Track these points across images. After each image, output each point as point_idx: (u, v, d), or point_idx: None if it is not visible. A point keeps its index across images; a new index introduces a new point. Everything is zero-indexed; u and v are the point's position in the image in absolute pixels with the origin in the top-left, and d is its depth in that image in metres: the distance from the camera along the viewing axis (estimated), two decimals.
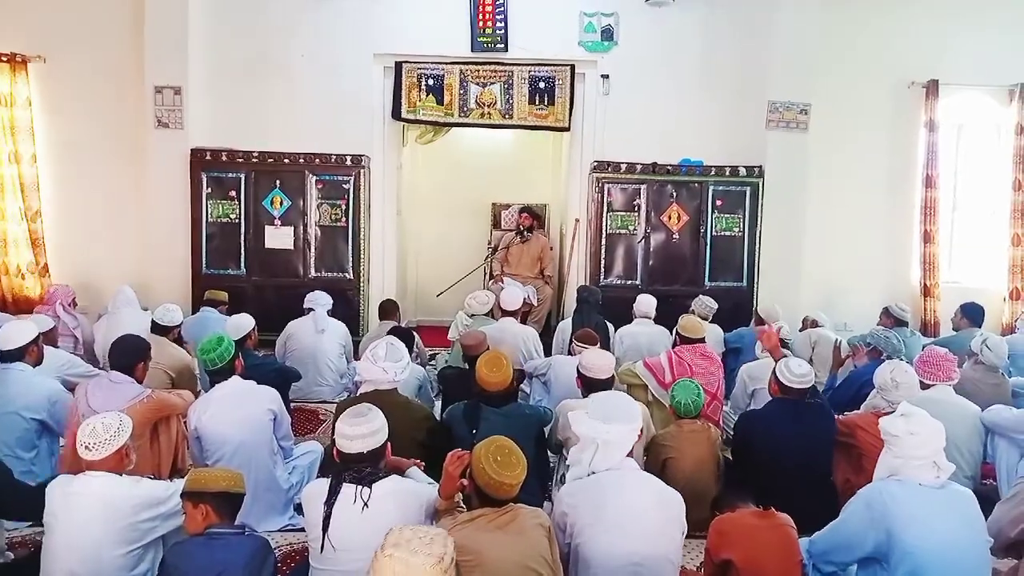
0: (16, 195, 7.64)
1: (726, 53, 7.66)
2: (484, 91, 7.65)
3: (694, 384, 4.29)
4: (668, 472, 3.99)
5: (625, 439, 3.02)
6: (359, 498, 2.71)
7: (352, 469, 2.78)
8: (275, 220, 7.54)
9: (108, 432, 2.92)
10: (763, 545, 2.94)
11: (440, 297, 8.01)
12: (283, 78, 7.59)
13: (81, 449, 2.88)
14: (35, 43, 7.60)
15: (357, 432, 2.80)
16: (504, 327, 5.78)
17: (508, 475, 2.63)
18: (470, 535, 2.61)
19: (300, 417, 5.54)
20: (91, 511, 2.83)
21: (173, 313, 5.47)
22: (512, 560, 2.58)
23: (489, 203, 9.28)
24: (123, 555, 2.85)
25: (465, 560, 2.60)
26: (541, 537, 2.68)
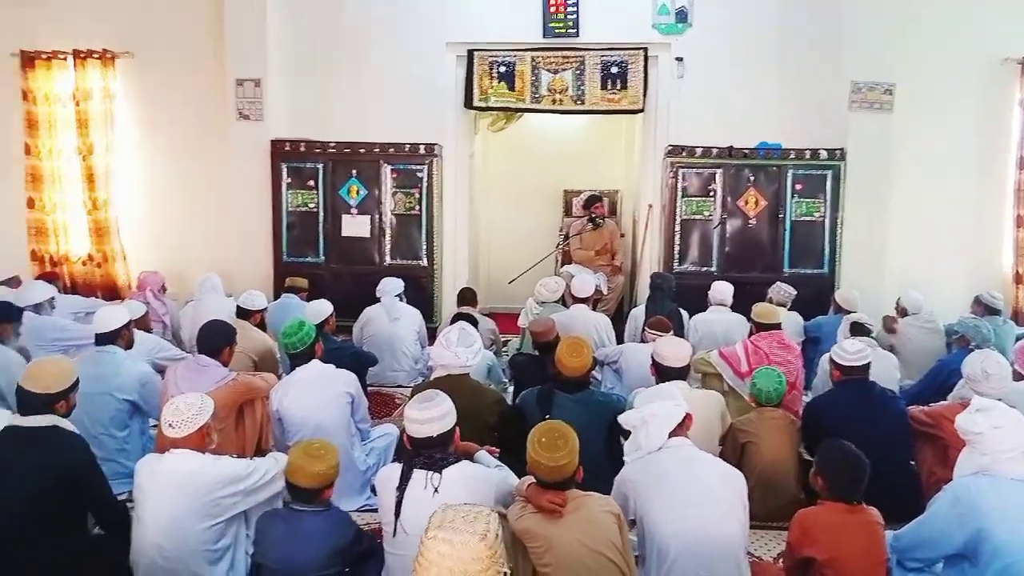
0: (106, 185, 8.00)
1: (805, 31, 7.42)
2: (556, 77, 7.61)
3: (776, 372, 4.21)
4: (747, 457, 3.94)
5: (669, 413, 3.05)
6: (429, 483, 2.75)
7: (422, 454, 2.81)
8: (352, 209, 7.69)
9: (190, 411, 3.03)
10: (849, 543, 2.85)
11: (512, 284, 8.04)
12: (358, 68, 7.72)
13: (165, 427, 3.01)
14: (123, 39, 7.92)
15: (426, 416, 2.84)
16: (575, 314, 5.76)
17: (547, 456, 2.63)
18: (538, 521, 2.64)
19: (376, 401, 5.66)
20: (175, 487, 2.95)
21: (256, 299, 5.66)
22: (581, 545, 2.60)
23: (560, 190, 9.25)
24: (206, 529, 2.97)
25: (535, 546, 2.63)
26: (611, 524, 2.68)
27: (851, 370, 4.09)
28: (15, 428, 3.12)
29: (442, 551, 1.83)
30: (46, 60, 7.96)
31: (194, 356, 4.39)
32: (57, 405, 3.21)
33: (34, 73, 7.97)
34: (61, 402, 3.23)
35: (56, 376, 3.24)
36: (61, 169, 8.08)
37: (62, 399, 3.24)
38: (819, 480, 3.04)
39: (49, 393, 3.18)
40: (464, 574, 1.81)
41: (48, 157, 8.06)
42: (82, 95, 7.92)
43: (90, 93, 7.92)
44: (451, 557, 1.82)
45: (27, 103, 7.98)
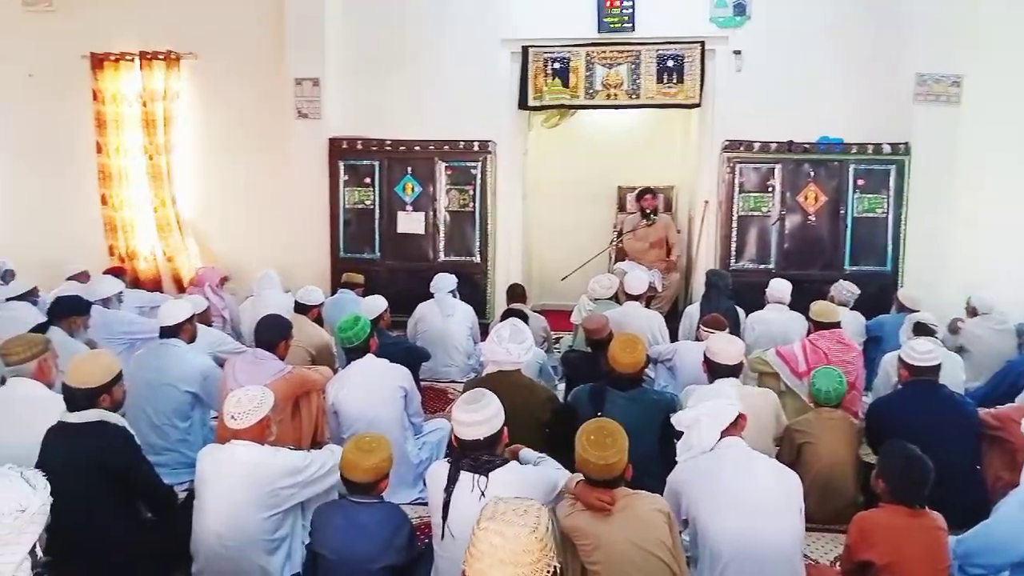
0: (171, 183, 8.25)
1: (867, 22, 7.21)
2: (610, 72, 7.56)
3: (836, 371, 4.11)
4: (804, 458, 3.87)
5: (722, 412, 3.01)
6: (476, 486, 2.74)
7: (469, 456, 2.81)
8: (407, 206, 7.77)
9: (252, 403, 3.10)
10: (910, 548, 2.78)
11: (564, 281, 8.02)
12: (413, 67, 7.79)
13: (227, 419, 3.08)
14: (187, 41, 8.14)
15: (473, 419, 2.83)
16: (628, 311, 5.72)
17: (596, 454, 2.62)
18: (587, 519, 2.64)
19: (429, 395, 5.71)
20: (235, 477, 3.03)
21: (313, 294, 5.77)
22: (631, 544, 2.59)
23: (615, 186, 9.19)
24: (264, 519, 3.03)
25: (584, 544, 2.63)
26: (660, 523, 2.66)
27: (920, 370, 3.97)
28: (64, 424, 3.20)
29: (494, 542, 1.84)
30: (114, 62, 8.24)
31: (252, 350, 4.50)
32: (99, 399, 3.24)
33: (103, 74, 8.25)
34: (103, 396, 3.25)
35: (96, 371, 3.28)
36: (128, 167, 8.36)
37: (104, 393, 3.25)
38: (880, 482, 2.96)
39: (90, 387, 3.22)
40: (515, 566, 1.81)
41: (116, 155, 8.34)
42: (148, 95, 8.17)
43: (155, 93, 8.17)
44: (502, 549, 1.83)
45: (97, 103, 8.28)
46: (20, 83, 8.41)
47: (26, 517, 1.84)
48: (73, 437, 3.15)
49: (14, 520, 1.81)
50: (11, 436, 3.33)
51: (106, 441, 3.18)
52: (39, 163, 8.46)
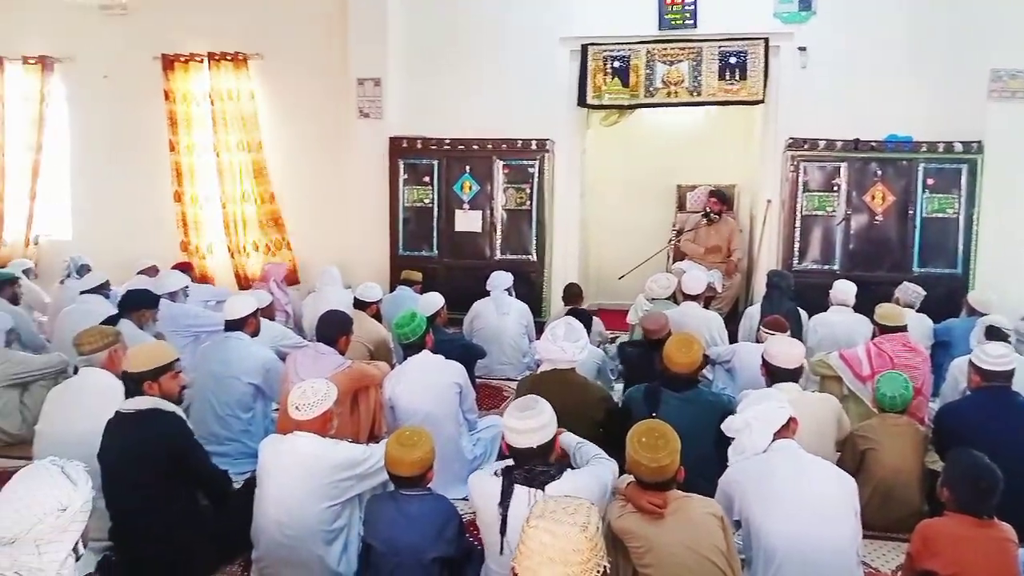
0: (241, 180, 8.49)
1: (938, 16, 6.98)
2: (671, 69, 7.48)
3: (901, 376, 3.98)
4: (867, 464, 3.77)
5: (772, 415, 2.96)
6: (532, 500, 2.66)
7: (523, 467, 2.75)
8: (464, 204, 7.84)
9: (316, 396, 3.16)
10: (975, 559, 2.68)
11: (622, 280, 7.97)
12: (473, 66, 7.84)
13: (291, 410, 3.15)
14: (255, 42, 8.37)
15: (525, 427, 2.74)
16: (686, 311, 5.65)
17: (648, 456, 2.58)
18: (638, 521, 2.61)
19: (484, 393, 5.74)
20: (296, 468, 3.09)
21: (373, 291, 5.87)
22: (684, 547, 2.56)
23: (674, 185, 9.08)
24: (323, 509, 3.09)
25: (635, 546, 2.61)
26: (714, 527, 2.62)
27: (992, 375, 3.80)
28: (120, 414, 3.31)
29: (544, 540, 1.84)
30: (184, 63, 8.51)
31: (313, 344, 4.60)
32: (145, 385, 3.32)
33: (174, 75, 8.54)
34: (149, 383, 3.33)
35: (143, 358, 3.38)
36: (198, 165, 8.63)
37: (149, 380, 3.32)
38: (946, 491, 2.87)
39: (135, 372, 3.33)
40: (565, 564, 1.81)
41: (187, 153, 8.62)
42: (216, 95, 8.41)
43: (223, 93, 8.41)
44: (552, 547, 1.83)
45: (169, 103, 8.56)
46: (97, 84, 8.77)
47: (68, 516, 1.85)
48: (128, 425, 3.27)
49: (56, 519, 1.82)
50: (81, 424, 3.48)
51: (159, 428, 3.27)
52: (114, 161, 8.81)
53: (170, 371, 3.42)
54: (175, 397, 3.44)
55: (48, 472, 1.89)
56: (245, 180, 8.51)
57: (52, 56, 8.85)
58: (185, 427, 3.41)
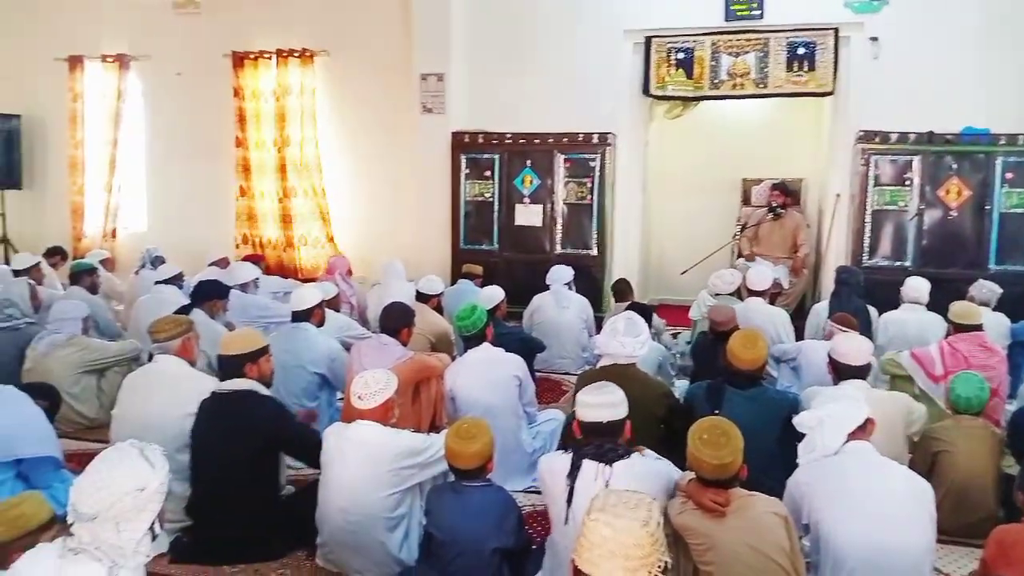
0: (305, 175, 8.66)
1: (1017, 3, 6.67)
2: (737, 61, 7.35)
3: (977, 377, 3.84)
4: (939, 467, 3.65)
5: (848, 415, 2.87)
6: (600, 476, 2.72)
7: (592, 443, 2.79)
8: (525, 198, 7.85)
9: (377, 385, 3.22)
10: None
11: (684, 275, 7.88)
12: (535, 60, 7.84)
13: (354, 399, 3.21)
14: (321, 39, 8.53)
15: (598, 401, 2.83)
16: (751, 307, 5.55)
17: (709, 453, 2.54)
18: (700, 519, 2.59)
19: (544, 386, 5.75)
20: (359, 456, 3.15)
21: (434, 284, 5.93)
22: (746, 546, 2.52)
23: (739, 178, 8.93)
24: (385, 497, 3.14)
25: (696, 543, 2.58)
26: (777, 526, 2.57)
27: None
28: (217, 394, 3.49)
29: (604, 534, 1.83)
30: (253, 60, 8.73)
31: (376, 335, 4.67)
32: (246, 367, 3.51)
33: (243, 72, 8.77)
34: (250, 365, 3.52)
35: (243, 341, 3.59)
36: (264, 160, 8.84)
37: (250, 362, 3.53)
38: (1022, 496, 2.76)
39: (237, 354, 3.51)
40: (625, 559, 1.80)
41: (255, 149, 8.85)
42: (282, 91, 8.61)
43: (290, 89, 8.60)
44: (613, 541, 1.82)
45: (237, 99, 8.79)
46: (170, 81, 9.06)
47: (145, 496, 1.92)
48: (226, 405, 3.44)
49: (134, 499, 1.89)
50: (155, 409, 3.61)
51: (258, 410, 3.44)
52: (185, 156, 9.11)
53: (265, 354, 3.62)
54: (268, 380, 3.63)
55: (128, 454, 1.98)
56: (306, 175, 8.68)
57: (129, 54, 9.19)
58: (283, 408, 3.61)
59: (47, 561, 1.89)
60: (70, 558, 1.87)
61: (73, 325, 5.05)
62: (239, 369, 3.51)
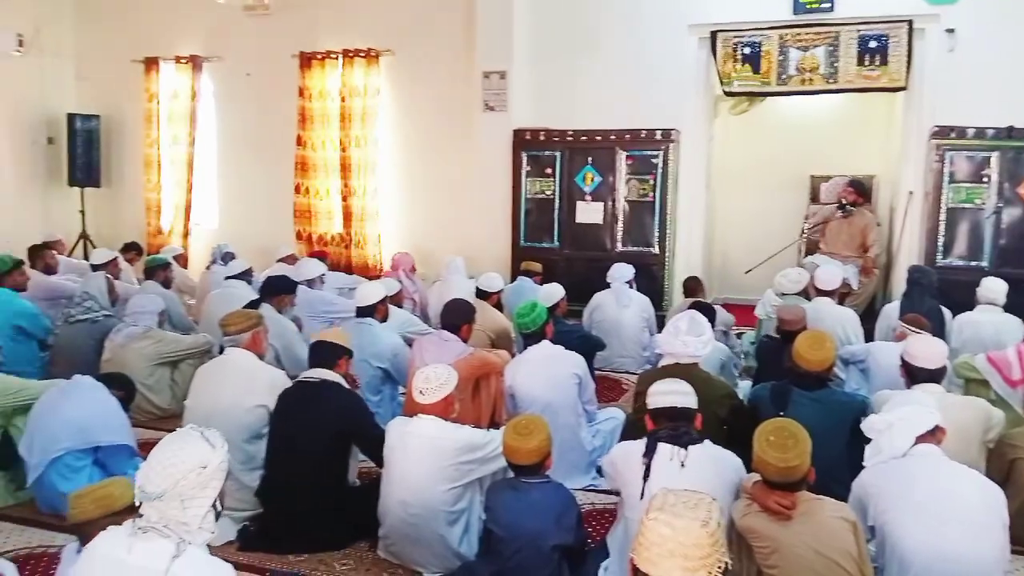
0: (367, 174, 8.80)
1: None
2: (806, 56, 7.17)
3: None
4: (1016, 475, 3.52)
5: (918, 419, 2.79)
6: (676, 457, 2.77)
7: (666, 428, 2.85)
8: (586, 195, 7.82)
9: (438, 380, 3.27)
10: None
11: (749, 274, 7.74)
12: (597, 56, 7.80)
13: (415, 394, 3.27)
14: (386, 38, 8.64)
15: (671, 388, 2.93)
16: (819, 308, 5.42)
17: (776, 456, 2.50)
18: (765, 521, 2.55)
19: (603, 385, 5.72)
20: (420, 449, 3.20)
21: (494, 281, 5.96)
22: (813, 551, 2.47)
23: (807, 175, 8.72)
24: (446, 491, 3.19)
25: (760, 546, 2.55)
26: (845, 532, 2.52)
27: None
28: (303, 382, 3.64)
29: (663, 533, 1.82)
30: (320, 60, 8.90)
31: (438, 331, 4.72)
32: (342, 360, 3.73)
33: (310, 72, 8.94)
34: (345, 359, 3.75)
35: (340, 337, 3.82)
36: (324, 159, 9.01)
37: (343, 356, 3.74)
38: None
39: (339, 345, 3.73)
40: (685, 558, 1.79)
41: (320, 148, 9.02)
42: (348, 91, 8.75)
43: (355, 89, 8.74)
44: (672, 540, 1.81)
45: (302, 99, 8.98)
46: (240, 82, 9.31)
47: (207, 473, 2.01)
48: (308, 392, 3.58)
49: (197, 476, 1.99)
50: (226, 399, 3.73)
51: (337, 398, 3.57)
52: (253, 156, 9.34)
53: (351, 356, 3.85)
54: (349, 378, 3.81)
55: (189, 436, 2.09)
56: (368, 174, 8.80)
57: (202, 56, 9.46)
58: (361, 402, 3.77)
59: (119, 539, 2.00)
60: (140, 536, 1.97)
61: (149, 318, 5.24)
62: (333, 361, 3.67)
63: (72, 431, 3.63)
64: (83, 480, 3.51)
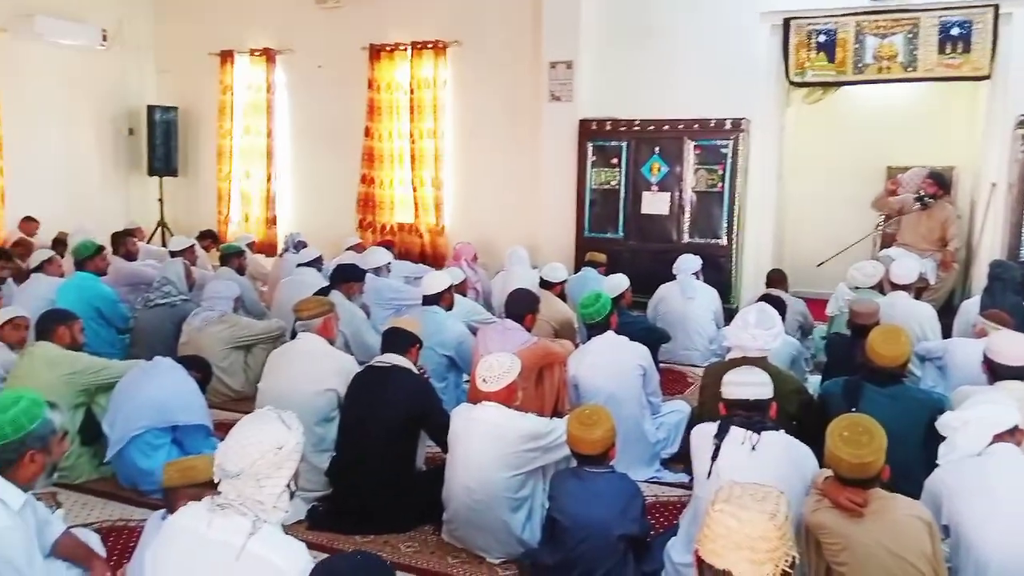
0: (434, 164, 8.88)
1: None
2: (883, 43, 6.94)
3: None
4: None
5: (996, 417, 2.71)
6: (748, 440, 2.78)
7: (739, 415, 2.85)
8: (652, 186, 7.74)
9: (502, 368, 3.31)
10: None
11: (820, 267, 7.55)
12: (665, 45, 7.70)
13: (479, 381, 3.31)
14: (453, 29, 8.70)
15: (745, 379, 2.92)
16: (894, 302, 5.25)
17: (849, 451, 2.44)
18: (835, 518, 2.50)
19: (668, 377, 5.67)
20: (484, 436, 3.24)
21: (558, 271, 5.96)
22: (885, 549, 2.41)
23: (883, 166, 8.45)
24: (508, 477, 3.22)
25: (830, 543, 2.50)
26: (920, 531, 2.44)
27: None
28: (374, 367, 3.72)
29: (729, 525, 1.80)
30: (389, 52, 9.01)
31: (501, 320, 4.75)
32: (414, 348, 3.80)
33: (379, 64, 9.06)
34: (417, 346, 3.83)
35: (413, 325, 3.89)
36: (392, 150, 9.12)
37: (415, 344, 3.82)
38: None
39: (406, 329, 3.81)
40: (751, 551, 1.76)
41: (387, 139, 9.15)
42: (416, 83, 8.84)
43: (423, 81, 8.82)
44: (738, 532, 1.79)
45: (371, 91, 9.11)
46: (312, 74, 9.49)
47: (283, 454, 2.07)
48: (380, 376, 3.66)
49: (273, 456, 2.05)
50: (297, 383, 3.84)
51: (407, 383, 3.65)
52: (323, 147, 9.54)
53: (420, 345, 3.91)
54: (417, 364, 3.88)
55: (267, 417, 2.16)
56: (437, 165, 8.89)
57: (275, 48, 9.68)
58: (430, 388, 3.85)
59: (200, 513, 2.08)
60: (218, 512, 2.04)
61: (225, 304, 5.41)
62: (405, 348, 3.75)
63: (152, 410, 3.78)
64: (162, 457, 3.66)
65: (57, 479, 3.81)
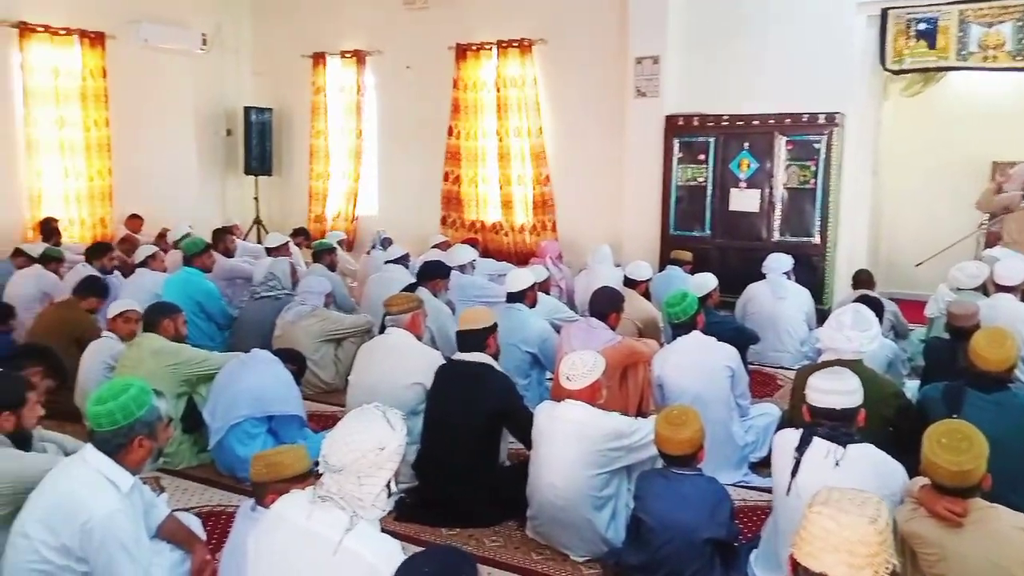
0: (520, 163, 8.94)
1: None
2: (990, 32, 6.60)
3: None
4: None
5: None
6: (831, 454, 2.67)
7: (825, 426, 2.74)
8: (740, 183, 7.58)
9: (585, 366, 3.30)
10: None
11: (919, 268, 7.23)
12: (756, 39, 7.52)
13: (563, 379, 3.32)
14: (539, 27, 8.72)
15: (830, 387, 2.77)
16: (999, 304, 4.98)
17: (948, 459, 2.35)
18: (932, 527, 2.41)
19: (758, 379, 5.55)
20: (568, 434, 3.25)
21: (643, 269, 5.91)
22: (987, 561, 2.31)
23: (988, 161, 8.02)
24: (592, 476, 3.22)
25: (926, 553, 2.42)
26: None
27: None
28: (455, 362, 3.80)
29: (827, 527, 1.76)
30: (475, 51, 9.10)
31: (585, 319, 4.75)
32: (486, 341, 3.82)
33: (465, 63, 9.17)
34: (489, 339, 3.83)
35: (480, 317, 3.91)
36: (478, 148, 9.23)
37: (489, 336, 3.84)
38: None
39: (478, 328, 3.82)
40: (850, 554, 1.72)
41: (471, 138, 9.24)
42: (503, 82, 8.91)
43: (509, 79, 8.88)
44: (837, 535, 1.75)
45: (456, 90, 9.22)
46: (400, 74, 9.69)
47: (385, 455, 2.09)
48: (463, 372, 3.73)
49: (375, 456, 2.07)
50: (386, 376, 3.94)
51: (490, 381, 3.70)
52: (410, 146, 9.72)
53: (496, 333, 3.95)
54: (496, 355, 3.92)
55: (373, 415, 2.18)
56: (523, 163, 8.94)
57: (364, 50, 9.91)
58: (512, 384, 3.86)
59: (301, 504, 2.14)
60: (319, 504, 2.10)
61: (317, 299, 5.59)
62: (481, 342, 3.80)
63: (250, 400, 3.94)
64: (258, 446, 3.81)
65: (162, 464, 4.01)
